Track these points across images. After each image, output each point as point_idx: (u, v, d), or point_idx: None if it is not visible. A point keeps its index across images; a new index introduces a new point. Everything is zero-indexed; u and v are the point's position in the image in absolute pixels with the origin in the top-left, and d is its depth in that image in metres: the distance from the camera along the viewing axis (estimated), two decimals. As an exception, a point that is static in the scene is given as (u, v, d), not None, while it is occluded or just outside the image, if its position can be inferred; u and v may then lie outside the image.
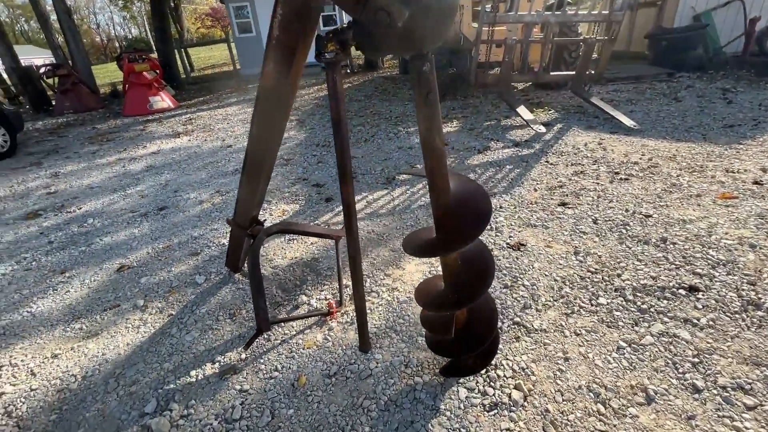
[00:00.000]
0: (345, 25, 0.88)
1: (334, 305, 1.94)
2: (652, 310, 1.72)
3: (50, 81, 8.77)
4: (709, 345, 1.52)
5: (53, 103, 8.90)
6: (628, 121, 4.11)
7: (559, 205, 2.70)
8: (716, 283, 1.82)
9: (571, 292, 1.88)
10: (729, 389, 1.34)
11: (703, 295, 1.76)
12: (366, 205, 3.03)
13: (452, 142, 4.26)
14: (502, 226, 2.52)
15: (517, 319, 1.75)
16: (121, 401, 1.56)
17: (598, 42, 4.74)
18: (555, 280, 1.97)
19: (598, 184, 2.95)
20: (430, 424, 1.34)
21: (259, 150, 1.48)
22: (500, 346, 1.61)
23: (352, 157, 4.10)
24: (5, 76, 10.11)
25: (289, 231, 1.90)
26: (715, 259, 1.97)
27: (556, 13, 4.45)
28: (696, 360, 1.46)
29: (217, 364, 1.69)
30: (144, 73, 7.77)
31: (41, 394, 1.63)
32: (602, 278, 1.95)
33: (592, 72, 4.92)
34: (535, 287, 1.94)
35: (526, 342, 1.63)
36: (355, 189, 3.29)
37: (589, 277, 1.96)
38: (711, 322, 1.61)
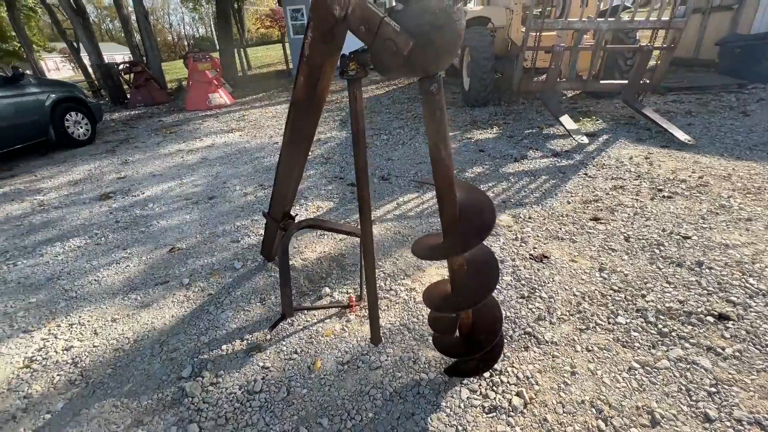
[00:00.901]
0: (364, 48, 0.99)
1: (354, 299, 2.07)
2: (673, 334, 1.66)
3: (127, 77, 9.76)
4: (730, 376, 1.46)
5: (128, 96, 9.88)
6: (681, 135, 3.86)
7: (591, 219, 2.64)
8: (751, 313, 1.72)
9: (589, 308, 1.86)
10: (744, 423, 1.29)
11: (733, 324, 1.68)
12: (396, 207, 3.14)
13: (489, 149, 4.25)
14: (528, 236, 2.52)
15: (529, 330, 1.77)
16: (163, 364, 1.79)
17: (655, 50, 4.49)
18: (574, 295, 1.96)
19: (637, 200, 2.83)
20: (429, 418, 1.42)
21: (291, 153, 1.63)
22: (507, 354, 1.65)
23: (388, 159, 4.25)
24: (90, 71, 11.35)
25: (318, 227, 2.05)
26: (755, 289, 1.86)
27: (610, 19, 4.28)
28: (713, 389, 1.42)
29: (246, 341, 1.88)
30: (206, 71, 8.42)
31: (101, 350, 1.91)
32: (625, 297, 1.90)
33: (647, 81, 4.66)
34: (552, 300, 1.94)
35: (534, 352, 1.65)
36: (388, 191, 3.42)
37: (610, 295, 1.93)
38: (737, 353, 1.54)
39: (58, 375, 1.79)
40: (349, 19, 0.86)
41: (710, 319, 1.72)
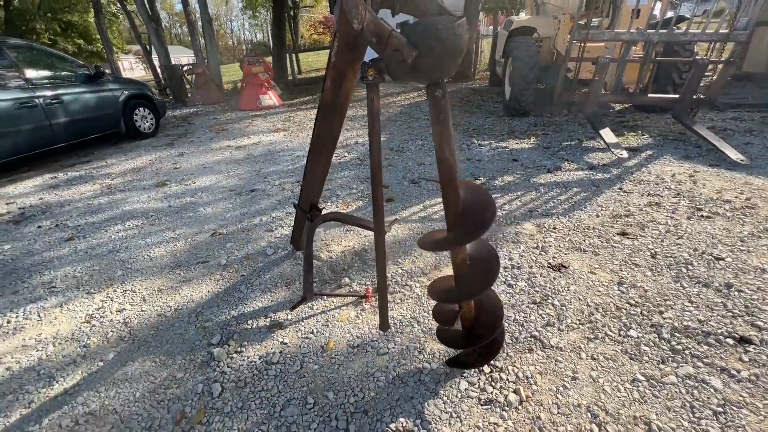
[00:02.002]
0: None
1: (371, 290, 2.20)
2: (686, 352, 1.63)
3: (189, 77, 10.64)
4: (741, 398, 1.42)
5: (189, 95, 10.76)
6: (734, 155, 3.63)
7: (618, 234, 2.59)
8: (777, 339, 1.65)
9: (600, 319, 1.86)
10: (748, 445, 1.27)
11: (754, 348, 1.61)
12: (422, 209, 3.23)
13: (522, 159, 4.23)
14: (549, 246, 2.52)
15: (536, 333, 1.80)
16: (197, 331, 2.02)
17: (711, 64, 4.25)
18: (587, 305, 1.95)
19: (672, 218, 2.73)
20: (426, 403, 1.51)
21: (317, 150, 1.80)
22: (510, 353, 1.70)
23: (420, 163, 4.36)
24: (159, 71, 12.46)
25: (341, 220, 2.20)
26: (787, 316, 1.76)
27: (662, 31, 4.13)
28: (720, 410, 1.39)
29: (269, 319, 2.06)
30: (258, 74, 8.99)
31: (147, 315, 2.18)
32: (641, 312, 1.88)
33: (702, 97, 4.41)
34: (564, 308, 1.95)
35: (538, 355, 1.69)
36: (416, 193, 3.53)
37: (626, 309, 1.91)
38: (753, 377, 1.49)
39: (111, 331, 2.07)
40: (365, 31, 1.00)
41: (730, 341, 1.66)
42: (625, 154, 3.84)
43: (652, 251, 2.36)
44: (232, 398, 1.61)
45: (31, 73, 4.93)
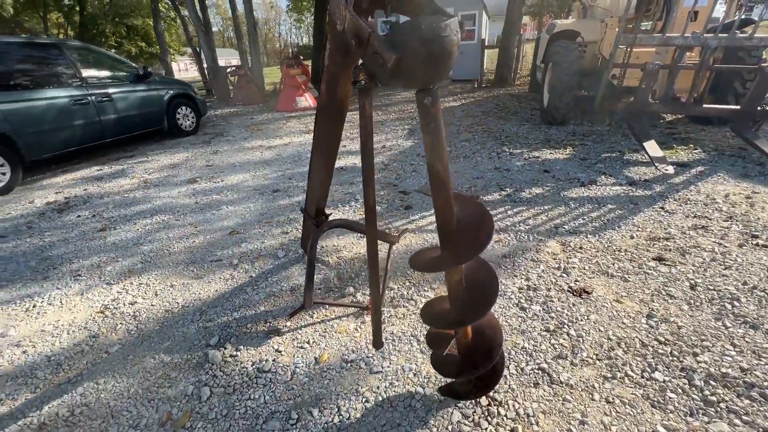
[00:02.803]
0: None
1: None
2: (722, 405, 1.41)
3: (232, 78, 11.11)
4: (786, 470, 1.19)
5: (231, 96, 11.23)
6: (804, 175, 3.19)
7: (653, 259, 2.33)
8: (840, 401, 1.38)
9: (622, 356, 1.65)
10: None
11: (809, 409, 1.36)
12: (440, 219, 3.10)
13: (555, 170, 3.97)
14: (573, 267, 2.31)
15: (545, 366, 1.63)
16: (198, 331, 2.03)
17: (781, 72, 3.78)
18: (608, 339, 1.76)
19: (720, 245, 2.43)
20: (413, 430, 1.40)
21: (318, 154, 1.75)
22: (513, 386, 1.55)
23: (446, 171, 4.21)
24: (205, 72, 13.12)
25: (348, 227, 2.13)
26: None
27: (722, 35, 3.73)
28: (757, 481, 1.17)
29: (268, 324, 2.04)
30: (296, 76, 9.20)
31: (156, 309, 2.23)
32: (671, 352, 1.66)
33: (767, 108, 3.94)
34: (580, 339, 1.76)
35: (544, 391, 1.53)
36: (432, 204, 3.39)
37: (653, 346, 1.69)
38: (805, 445, 1.25)
39: (120, 323, 2.14)
40: (346, 32, 0.92)
41: (778, 397, 1.42)
42: (670, 169, 3.49)
43: (692, 282, 2.09)
44: (218, 404, 1.59)
45: (86, 73, 5.32)
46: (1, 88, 4.39)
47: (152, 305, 2.28)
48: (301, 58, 10.18)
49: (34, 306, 2.34)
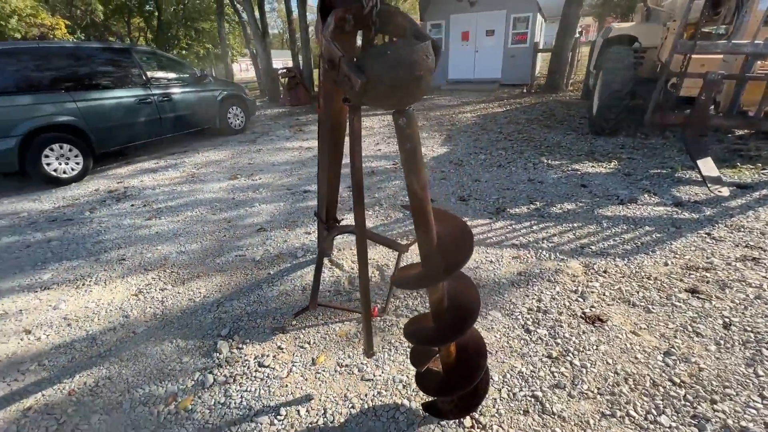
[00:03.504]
0: None
1: (377, 310, 2.15)
2: (733, 462, 1.27)
3: (283, 80, 11.65)
4: None
5: (281, 97, 11.77)
6: None
7: (686, 290, 2.13)
8: None
9: (627, 394, 1.54)
10: None
11: (842, 482, 1.19)
12: (460, 230, 3.05)
13: (593, 185, 3.74)
14: (591, 292, 2.18)
15: (539, 394, 1.57)
16: (213, 321, 2.18)
17: None
18: (615, 373, 1.64)
19: (770, 280, 2.16)
20: (391, 444, 1.42)
21: (322, 162, 1.82)
22: (501, 411, 1.51)
23: (476, 180, 4.13)
24: (260, 73, 13.85)
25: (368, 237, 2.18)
26: None
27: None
28: None
29: (275, 321, 2.14)
30: (342, 79, 9.44)
31: (181, 297, 2.43)
32: (684, 395, 1.51)
33: None
34: (584, 370, 1.67)
35: (533, 420, 1.47)
36: (461, 212, 3.35)
37: (665, 387, 1.56)
38: None
39: (149, 307, 2.35)
40: (323, 55, 0.96)
41: (806, 463, 1.25)
42: (725, 191, 3.15)
43: (727, 320, 1.89)
44: (218, 392, 1.70)
45: (150, 75, 5.87)
46: (80, 87, 4.98)
47: (178, 293, 2.48)
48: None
49: (83, 284, 2.65)
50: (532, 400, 1.55)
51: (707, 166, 3.45)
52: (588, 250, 2.62)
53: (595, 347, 1.79)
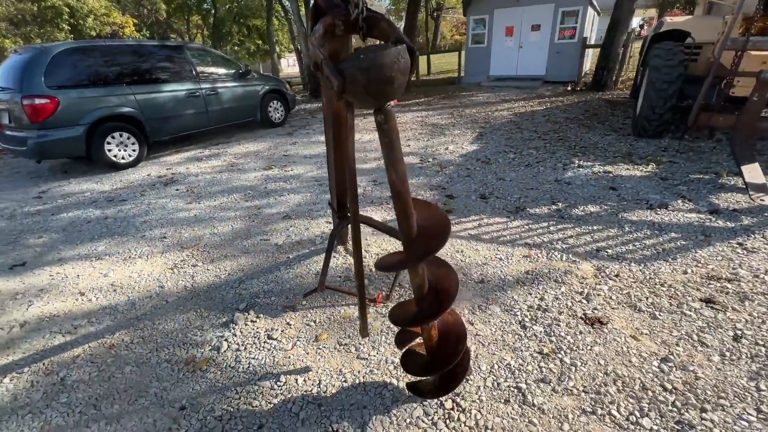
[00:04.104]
0: None
1: (381, 297, 2.26)
2: (710, 469, 1.26)
3: (324, 75, 11.99)
4: None
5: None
6: None
7: (701, 299, 2.05)
8: None
9: (612, 394, 1.55)
10: None
11: (826, 501, 1.14)
12: (475, 227, 3.09)
13: (623, 189, 3.60)
14: (597, 295, 2.15)
15: (523, 386, 1.61)
16: (234, 296, 2.41)
17: None
18: (605, 373, 1.65)
19: (800, 296, 2.02)
20: (374, 416, 1.53)
21: (329, 156, 1.96)
22: (483, 397, 1.57)
23: (501, 179, 4.11)
24: (303, 68, 14.33)
25: (368, 224, 2.30)
26: None
27: None
28: None
29: (287, 300, 2.32)
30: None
31: (209, 274, 2.69)
32: (673, 402, 1.50)
33: None
34: (573, 368, 1.68)
35: (512, 409, 1.52)
36: (479, 209, 3.37)
37: (655, 392, 1.54)
38: None
39: (181, 280, 2.63)
40: (311, 57, 1.08)
41: (790, 478, 1.21)
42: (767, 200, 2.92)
43: (739, 333, 1.81)
44: (230, 357, 1.91)
45: (199, 70, 6.34)
46: (138, 81, 5.51)
47: (207, 269, 2.74)
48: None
49: (129, 257, 3.00)
50: (515, 391, 1.60)
51: (753, 172, 3.21)
52: (603, 254, 2.57)
53: (589, 348, 1.79)
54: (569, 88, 10.42)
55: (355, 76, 0.97)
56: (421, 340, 1.52)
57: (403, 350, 1.54)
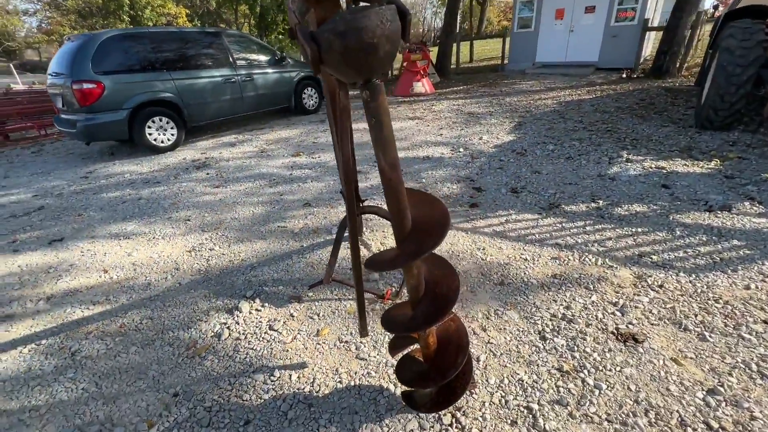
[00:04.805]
0: None
1: (390, 292, 2.13)
2: None
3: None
4: None
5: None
6: None
7: (764, 321, 1.72)
8: None
9: (643, 427, 1.32)
10: None
11: None
12: (502, 222, 2.85)
13: (678, 187, 3.18)
14: (635, 307, 1.88)
15: (534, 406, 1.42)
16: (243, 282, 2.38)
17: None
18: (635, 401, 1.41)
19: None
20: (365, 424, 1.42)
21: (334, 138, 1.83)
22: (487, 415, 1.41)
23: (535, 171, 3.80)
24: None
25: (375, 213, 2.17)
26: None
27: None
28: None
29: (294, 290, 2.26)
30: (416, 61, 9.29)
31: (224, 258, 2.68)
32: (719, 444, 1.25)
33: None
34: (596, 392, 1.46)
35: (519, 432, 1.34)
36: (509, 204, 3.14)
37: (697, 430, 1.30)
38: None
39: (197, 263, 2.65)
40: (289, 21, 0.95)
41: None
42: None
43: (813, 366, 1.49)
44: (229, 346, 1.87)
45: (236, 56, 6.43)
46: (177, 67, 5.67)
47: (223, 254, 2.75)
48: (426, 43, 10.18)
49: (153, 238, 3.08)
50: (525, 411, 1.41)
51: None
52: (646, 260, 2.26)
53: (618, 368, 1.55)
54: (624, 76, 9.53)
55: (330, 42, 0.83)
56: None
57: (395, 355, 1.40)
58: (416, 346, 1.41)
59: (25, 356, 1.91)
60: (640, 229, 2.59)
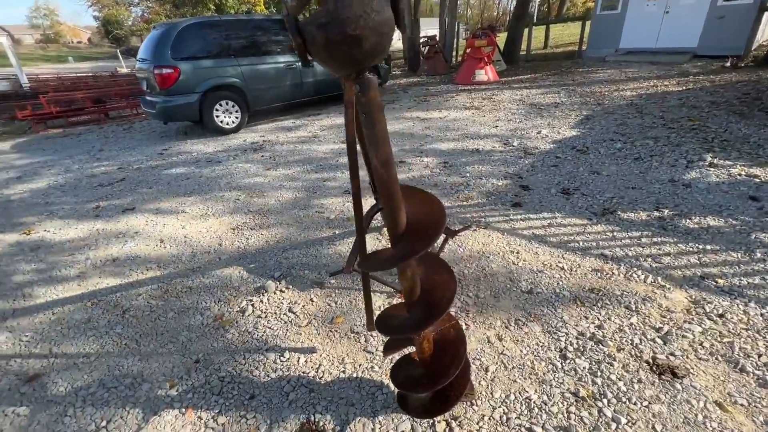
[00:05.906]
0: None
1: (409, 289, 2.10)
2: None
3: (423, 49, 11.58)
4: None
5: (420, 65, 11.79)
6: None
7: None
8: None
9: (660, 474, 1.16)
10: None
11: None
12: (544, 226, 2.65)
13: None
14: (682, 336, 1.65)
15: (537, 429, 1.32)
16: (274, 263, 2.50)
17: None
18: (658, 444, 1.25)
19: None
20: (358, 417, 1.43)
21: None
22: (483, 430, 1.34)
23: (594, 172, 3.47)
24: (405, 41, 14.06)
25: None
26: None
27: None
28: None
29: (318, 275, 2.32)
30: (481, 48, 8.84)
31: (261, 239, 2.84)
32: None
33: None
34: (613, 426, 1.31)
35: (515, 454, 1.26)
36: (556, 206, 2.95)
37: (729, 489, 1.11)
38: None
39: (237, 241, 2.83)
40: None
41: None
42: None
43: None
44: (250, 322, 1.99)
45: (298, 43, 6.63)
46: (243, 53, 6.02)
47: (261, 234, 2.91)
48: (494, 28, 9.63)
49: (205, 213, 3.35)
50: (526, 432, 1.32)
51: None
52: (709, 283, 1.95)
53: (645, 403, 1.38)
54: (729, 65, 8.18)
55: (313, 33, 0.80)
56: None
57: (388, 356, 1.38)
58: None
59: (88, 308, 2.21)
60: (709, 247, 2.25)
